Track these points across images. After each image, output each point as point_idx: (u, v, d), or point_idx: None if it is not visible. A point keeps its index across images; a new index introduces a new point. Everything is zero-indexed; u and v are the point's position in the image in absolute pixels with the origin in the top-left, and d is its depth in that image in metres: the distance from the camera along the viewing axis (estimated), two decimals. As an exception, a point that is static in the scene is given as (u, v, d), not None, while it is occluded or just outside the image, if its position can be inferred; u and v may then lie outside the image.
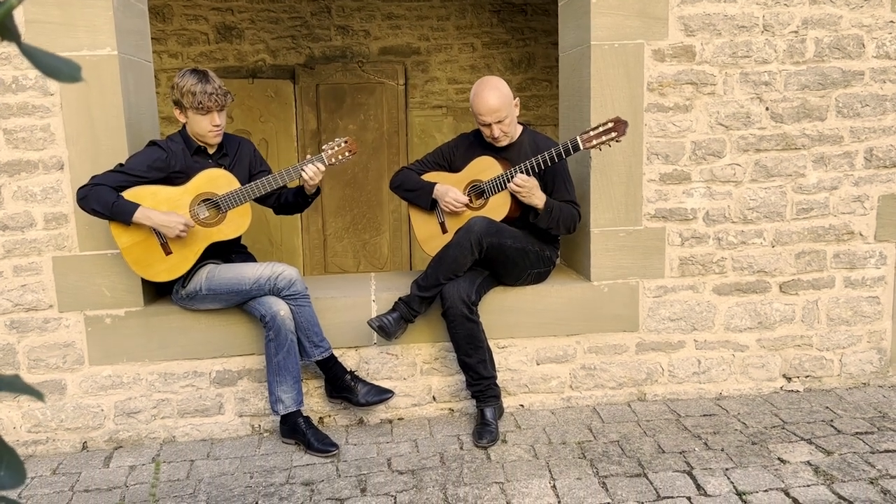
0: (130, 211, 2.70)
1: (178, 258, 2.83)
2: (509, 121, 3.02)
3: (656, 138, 3.16)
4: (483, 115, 3.00)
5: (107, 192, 2.68)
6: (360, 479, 2.67)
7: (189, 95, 2.78)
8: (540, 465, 2.73)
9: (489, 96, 2.97)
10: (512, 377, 3.24)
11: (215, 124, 2.85)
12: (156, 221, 2.73)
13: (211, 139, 2.89)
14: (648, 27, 3.07)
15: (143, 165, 2.77)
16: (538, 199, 2.94)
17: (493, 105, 2.97)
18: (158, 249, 2.81)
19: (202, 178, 2.85)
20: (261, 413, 3.13)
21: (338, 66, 6.60)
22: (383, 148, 6.75)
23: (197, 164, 2.89)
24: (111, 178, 2.72)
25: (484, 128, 3.05)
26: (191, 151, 2.90)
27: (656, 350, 3.29)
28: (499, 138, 3.04)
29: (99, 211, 2.69)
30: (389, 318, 2.96)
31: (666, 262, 3.24)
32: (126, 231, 2.77)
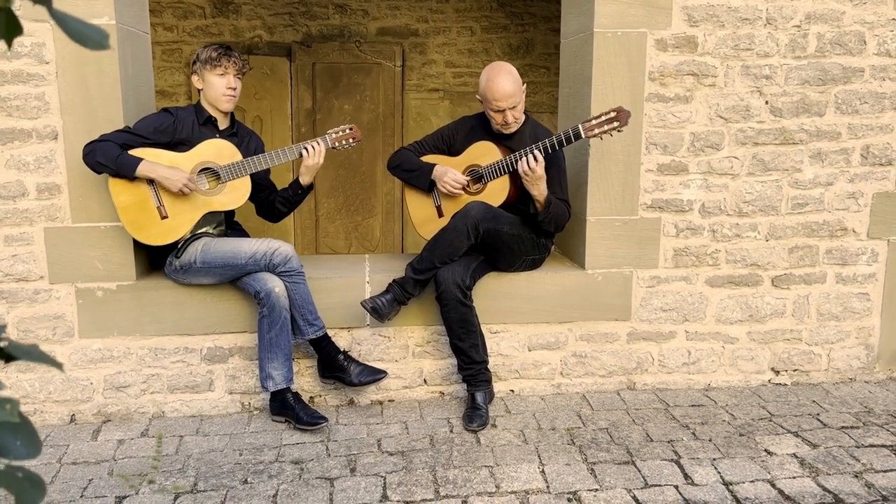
0: (135, 164, 2.72)
1: (173, 223, 2.82)
2: (521, 107, 3.01)
3: (655, 128, 3.16)
4: (499, 101, 2.96)
5: (112, 147, 2.70)
6: (350, 459, 2.68)
7: (209, 57, 2.87)
8: (529, 450, 2.75)
9: (505, 81, 2.94)
10: (503, 362, 3.25)
11: (230, 86, 2.90)
12: (160, 173, 2.74)
13: (224, 104, 2.91)
14: (652, 16, 3.06)
15: (149, 128, 2.81)
16: (542, 190, 2.92)
17: (509, 90, 2.94)
18: (155, 212, 2.80)
19: (207, 146, 2.87)
20: (251, 391, 3.12)
21: (335, 45, 6.55)
22: (378, 130, 6.71)
23: (204, 135, 2.91)
24: (117, 136, 2.75)
25: (496, 114, 3.01)
26: (200, 121, 2.92)
27: (647, 340, 3.31)
28: (510, 124, 3.02)
29: (104, 164, 2.69)
30: (383, 300, 2.96)
31: (660, 252, 3.25)
32: (125, 190, 2.77)
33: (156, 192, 2.80)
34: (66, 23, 0.58)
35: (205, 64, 2.89)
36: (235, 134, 3.04)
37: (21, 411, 0.59)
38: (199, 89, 2.95)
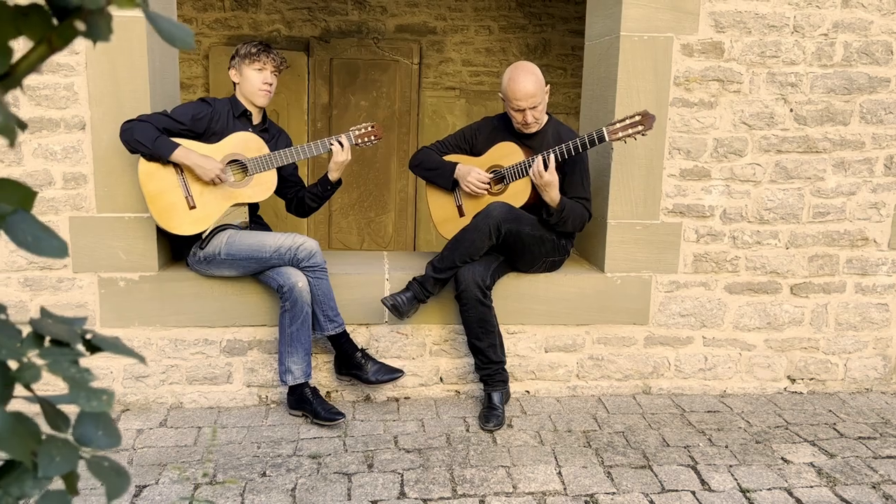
0: (172, 148, 2.76)
1: (200, 213, 2.85)
2: (542, 107, 3.02)
3: (679, 133, 3.16)
4: (519, 101, 2.97)
5: (151, 129, 2.74)
6: (367, 455, 2.69)
7: (248, 52, 2.93)
8: (545, 451, 2.76)
9: (526, 81, 2.95)
10: (520, 363, 3.25)
11: (266, 82, 2.95)
12: (194, 161, 2.78)
13: (259, 98, 2.95)
14: (679, 21, 3.06)
15: (187, 115, 2.85)
16: (554, 196, 2.93)
17: (531, 90, 2.95)
18: (183, 201, 2.83)
19: (236, 138, 2.91)
20: (269, 384, 3.14)
21: (353, 41, 6.56)
22: (394, 126, 6.72)
23: (237, 127, 2.96)
24: (156, 118, 2.79)
25: (516, 113, 3.02)
26: (235, 114, 2.96)
27: (664, 344, 3.31)
28: (530, 124, 3.03)
29: (141, 142, 2.72)
30: (403, 297, 2.97)
31: (680, 257, 3.25)
32: (154, 178, 2.80)
33: (184, 182, 2.82)
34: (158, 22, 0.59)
35: (243, 58, 2.94)
36: (266, 130, 3.07)
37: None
38: (236, 83, 2.99)
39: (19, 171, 2.89)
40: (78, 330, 0.62)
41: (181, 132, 2.84)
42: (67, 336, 0.59)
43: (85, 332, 0.62)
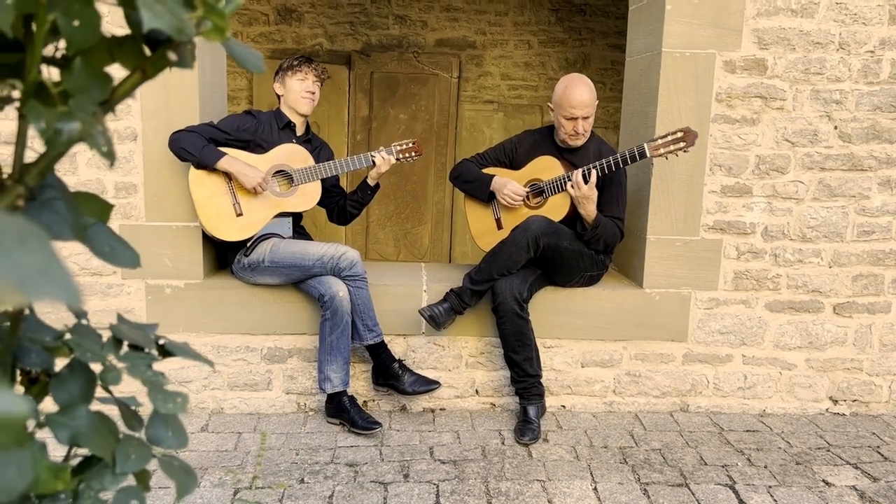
0: (218, 156, 2.86)
1: (246, 221, 2.94)
2: (591, 120, 3.05)
3: (720, 150, 3.14)
4: (574, 108, 2.99)
5: (198, 138, 2.85)
6: (403, 465, 2.72)
7: (291, 65, 3.05)
8: (581, 466, 2.75)
9: (583, 90, 3.00)
10: (556, 377, 3.25)
11: (308, 90, 3.05)
12: (238, 168, 2.88)
13: (303, 105, 3.06)
14: (721, 38, 3.05)
15: (233, 126, 2.96)
16: (590, 211, 2.94)
17: (587, 99, 2.99)
18: (230, 208, 2.92)
19: (283, 150, 3.01)
20: (307, 392, 3.19)
21: (393, 55, 6.64)
22: (432, 139, 6.78)
23: (282, 138, 3.05)
24: (203, 128, 2.90)
25: (568, 122, 3.03)
26: (279, 126, 3.05)
27: (703, 362, 3.28)
28: (580, 134, 3.05)
29: (188, 151, 2.82)
30: (440, 309, 3.00)
31: (720, 274, 3.22)
32: (204, 185, 2.90)
33: (232, 191, 2.91)
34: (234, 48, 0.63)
35: (286, 71, 3.06)
36: (309, 141, 3.16)
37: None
38: (280, 95, 3.10)
39: (74, 181, 3.00)
40: (151, 335, 0.66)
41: (227, 142, 2.93)
42: (143, 341, 0.63)
43: (157, 337, 0.66)
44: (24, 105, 0.44)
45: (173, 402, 0.58)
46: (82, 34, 0.45)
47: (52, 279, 0.22)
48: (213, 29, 0.46)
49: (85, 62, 0.47)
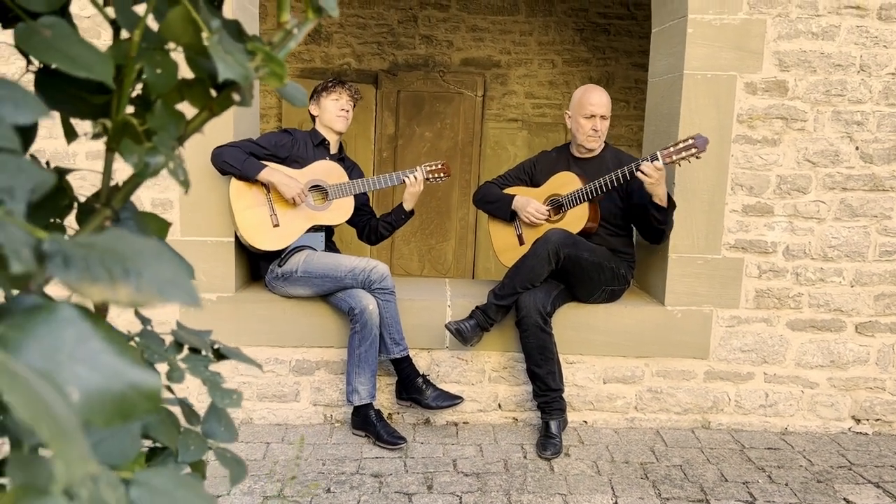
0: (259, 168, 3.00)
1: (283, 232, 3.06)
2: (607, 124, 3.17)
3: (742, 169, 3.18)
4: (593, 106, 3.13)
5: (239, 152, 2.99)
6: (427, 477, 2.78)
7: (325, 86, 3.21)
8: (602, 481, 2.79)
9: (601, 93, 3.16)
10: (578, 393, 3.30)
11: (343, 108, 3.19)
12: (278, 179, 3.01)
13: (338, 123, 3.20)
14: (743, 60, 3.10)
15: (271, 141, 3.11)
16: (662, 191, 2.94)
17: (604, 100, 3.14)
18: (268, 219, 3.04)
19: (319, 166, 3.15)
20: (334, 403, 3.26)
21: (419, 74, 6.76)
22: (457, 157, 6.87)
23: (317, 155, 3.19)
24: (243, 143, 3.04)
25: (586, 121, 3.15)
26: (314, 143, 3.19)
27: (724, 379, 3.30)
28: (599, 132, 3.15)
29: (231, 164, 2.96)
30: (467, 325, 3.06)
31: (742, 292, 3.25)
32: (244, 196, 3.04)
33: (270, 202, 3.03)
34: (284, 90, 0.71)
35: (321, 92, 3.21)
36: (343, 159, 3.29)
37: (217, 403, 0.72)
38: (315, 115, 3.25)
39: (113, 197, 3.12)
40: (207, 340, 0.74)
41: (265, 157, 3.08)
42: (201, 344, 0.71)
43: (212, 342, 0.74)
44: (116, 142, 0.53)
45: (230, 398, 0.65)
46: (163, 81, 0.54)
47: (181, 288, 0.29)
48: (272, 74, 0.54)
49: (164, 104, 0.55)
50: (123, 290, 0.28)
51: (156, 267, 0.29)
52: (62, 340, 0.26)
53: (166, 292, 0.29)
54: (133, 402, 0.27)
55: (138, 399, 0.27)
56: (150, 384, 0.29)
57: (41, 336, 0.25)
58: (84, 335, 0.27)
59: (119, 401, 0.26)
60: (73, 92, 0.56)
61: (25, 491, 0.29)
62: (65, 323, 0.26)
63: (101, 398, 0.26)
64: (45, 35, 0.45)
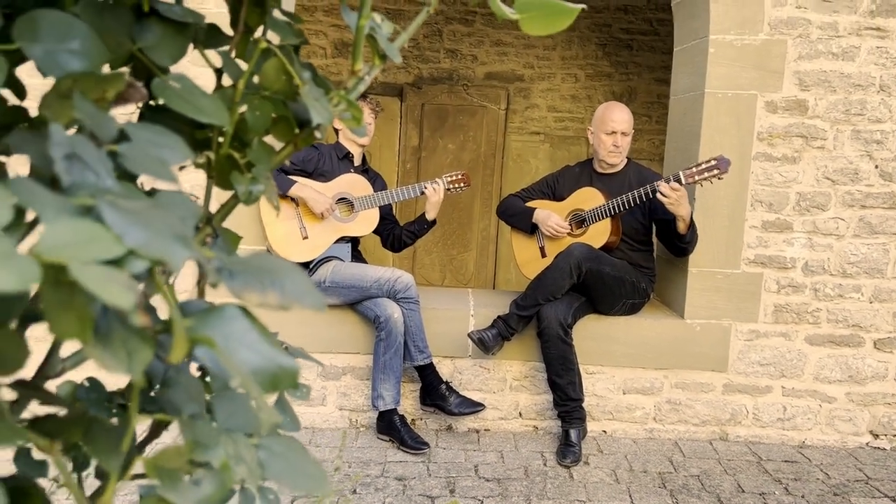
0: (290, 184, 3.13)
1: (311, 244, 3.18)
2: (628, 140, 3.24)
3: (762, 186, 3.25)
4: (615, 122, 3.20)
5: None
6: (449, 481, 2.86)
7: None
8: (621, 489, 2.85)
9: (621, 109, 3.25)
10: (597, 403, 3.36)
11: (366, 122, 3.31)
12: (308, 195, 3.13)
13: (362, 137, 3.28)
14: (763, 80, 3.18)
15: (298, 157, 3.23)
16: (686, 210, 2.98)
17: (625, 116, 3.22)
18: (297, 232, 3.17)
19: (344, 179, 3.26)
20: (359, 408, 3.36)
21: (444, 87, 6.88)
22: (479, 169, 6.97)
23: (341, 168, 3.30)
24: None
25: (608, 136, 3.22)
26: (339, 156, 3.30)
27: (743, 392, 3.36)
28: (620, 148, 3.22)
29: None
30: (489, 334, 3.15)
31: (760, 307, 3.31)
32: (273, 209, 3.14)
33: (299, 215, 3.15)
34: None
35: None
36: (366, 171, 3.39)
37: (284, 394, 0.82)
38: (338, 129, 3.37)
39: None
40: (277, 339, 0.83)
41: (294, 172, 3.19)
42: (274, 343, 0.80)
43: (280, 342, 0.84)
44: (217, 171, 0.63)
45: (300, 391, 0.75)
46: (260, 121, 0.64)
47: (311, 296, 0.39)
48: (351, 118, 0.64)
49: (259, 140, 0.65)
50: (272, 296, 0.37)
51: (292, 279, 0.39)
52: (233, 331, 0.35)
53: (302, 299, 0.38)
54: (280, 377, 0.36)
55: (284, 376, 0.37)
56: (292, 366, 0.38)
57: (218, 328, 0.35)
58: (246, 328, 0.36)
59: (272, 376, 0.36)
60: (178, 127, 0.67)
61: (196, 444, 0.38)
62: (232, 319, 0.36)
63: (261, 374, 0.35)
64: (175, 87, 0.55)
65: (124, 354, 0.31)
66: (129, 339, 0.31)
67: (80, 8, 0.51)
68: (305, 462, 0.44)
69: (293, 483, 0.43)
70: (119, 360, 0.30)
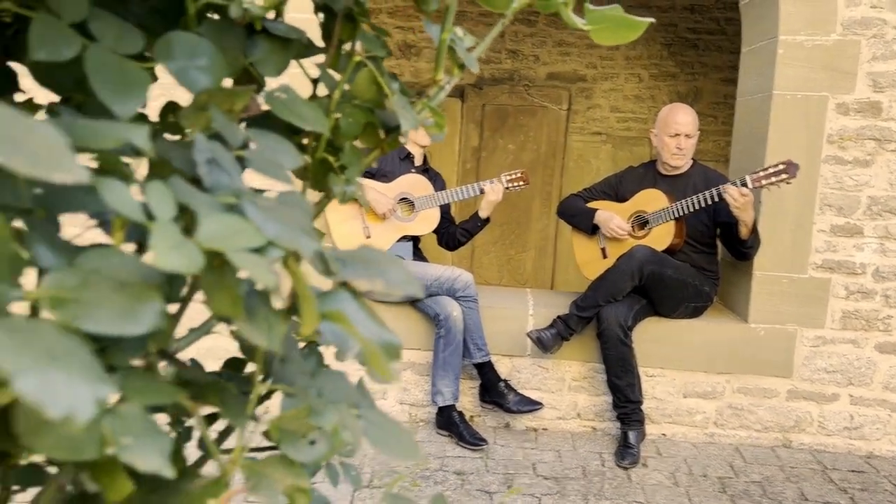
0: None
1: (374, 242, 3.32)
2: (692, 143, 3.21)
3: (831, 190, 3.18)
4: (678, 124, 3.18)
5: None
6: (507, 478, 2.90)
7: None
8: (679, 492, 2.84)
9: (685, 111, 3.21)
10: (657, 406, 3.35)
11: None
12: (371, 196, 3.23)
13: (423, 137, 3.40)
14: (835, 81, 3.11)
15: None
16: (749, 216, 2.96)
17: (689, 119, 3.19)
18: (361, 231, 3.31)
19: (406, 179, 3.35)
20: (419, 403, 3.43)
21: (505, 88, 6.91)
22: (539, 169, 6.97)
23: (403, 168, 3.38)
24: None
25: (671, 139, 3.20)
26: (400, 157, 3.39)
27: (808, 399, 3.29)
28: (683, 150, 3.20)
29: None
30: (548, 333, 3.17)
31: (828, 313, 3.24)
32: (338, 210, 3.27)
33: (363, 215, 3.25)
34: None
35: None
36: (427, 171, 3.45)
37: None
38: None
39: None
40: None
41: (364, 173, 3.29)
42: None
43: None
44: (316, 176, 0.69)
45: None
46: (352, 128, 0.70)
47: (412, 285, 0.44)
48: (434, 125, 0.69)
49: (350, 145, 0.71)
50: (379, 284, 0.43)
51: (394, 270, 0.44)
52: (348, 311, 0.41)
53: (404, 287, 0.44)
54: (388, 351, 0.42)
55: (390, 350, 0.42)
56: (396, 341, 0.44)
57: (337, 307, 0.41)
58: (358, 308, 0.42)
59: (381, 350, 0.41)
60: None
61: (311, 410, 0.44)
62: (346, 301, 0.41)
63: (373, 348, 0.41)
64: (281, 98, 0.61)
65: (266, 329, 0.37)
66: (269, 316, 0.37)
67: (204, 28, 0.57)
68: (400, 432, 0.50)
69: (389, 449, 0.49)
70: (262, 333, 0.36)
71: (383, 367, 0.40)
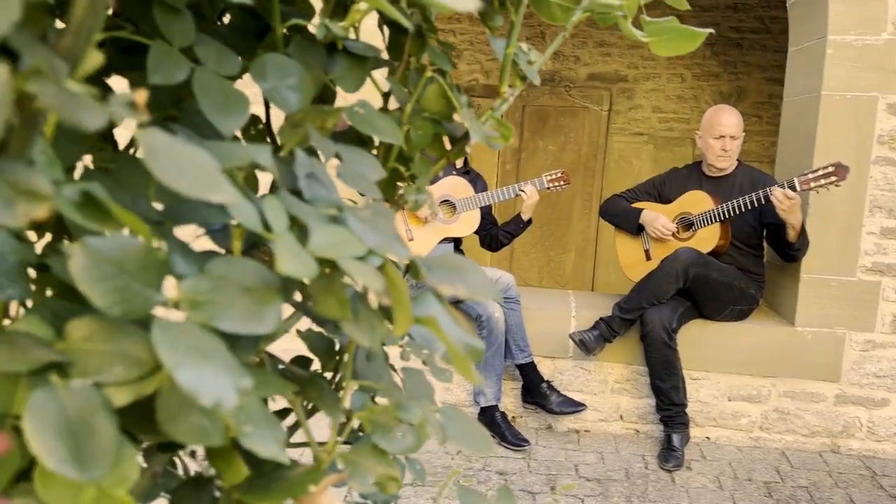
0: None
1: (417, 245, 3.36)
2: (737, 144, 3.19)
3: (881, 191, 3.13)
4: (723, 126, 3.16)
5: None
6: (550, 478, 2.92)
7: None
8: (724, 496, 2.83)
9: (730, 113, 3.20)
10: (701, 409, 3.33)
11: None
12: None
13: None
14: (885, 81, 3.06)
15: None
16: (797, 218, 2.94)
17: (734, 120, 3.18)
18: (403, 235, 3.30)
19: (447, 182, 3.38)
20: (461, 403, 3.47)
21: (545, 88, 6.91)
22: (579, 170, 6.96)
23: (444, 171, 3.44)
24: None
25: (716, 141, 3.18)
26: None
27: (857, 404, 3.24)
28: (728, 152, 3.18)
29: None
30: (590, 335, 3.18)
31: (878, 316, 3.19)
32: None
33: (405, 219, 3.33)
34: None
35: None
36: (468, 172, 3.48)
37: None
38: None
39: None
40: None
41: None
42: (416, 335, 0.91)
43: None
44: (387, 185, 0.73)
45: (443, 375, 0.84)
46: (422, 139, 0.74)
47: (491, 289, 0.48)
48: (500, 136, 0.73)
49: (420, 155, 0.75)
50: (461, 289, 0.46)
51: (474, 275, 0.48)
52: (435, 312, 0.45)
53: (483, 292, 0.47)
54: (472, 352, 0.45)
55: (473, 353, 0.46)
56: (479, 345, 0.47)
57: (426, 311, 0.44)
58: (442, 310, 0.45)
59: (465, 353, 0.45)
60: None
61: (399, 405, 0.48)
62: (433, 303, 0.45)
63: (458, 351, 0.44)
64: (360, 113, 0.65)
65: (369, 329, 0.40)
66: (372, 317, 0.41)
67: (292, 49, 0.62)
68: (475, 427, 0.53)
69: (466, 442, 0.52)
70: (365, 333, 0.40)
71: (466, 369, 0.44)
